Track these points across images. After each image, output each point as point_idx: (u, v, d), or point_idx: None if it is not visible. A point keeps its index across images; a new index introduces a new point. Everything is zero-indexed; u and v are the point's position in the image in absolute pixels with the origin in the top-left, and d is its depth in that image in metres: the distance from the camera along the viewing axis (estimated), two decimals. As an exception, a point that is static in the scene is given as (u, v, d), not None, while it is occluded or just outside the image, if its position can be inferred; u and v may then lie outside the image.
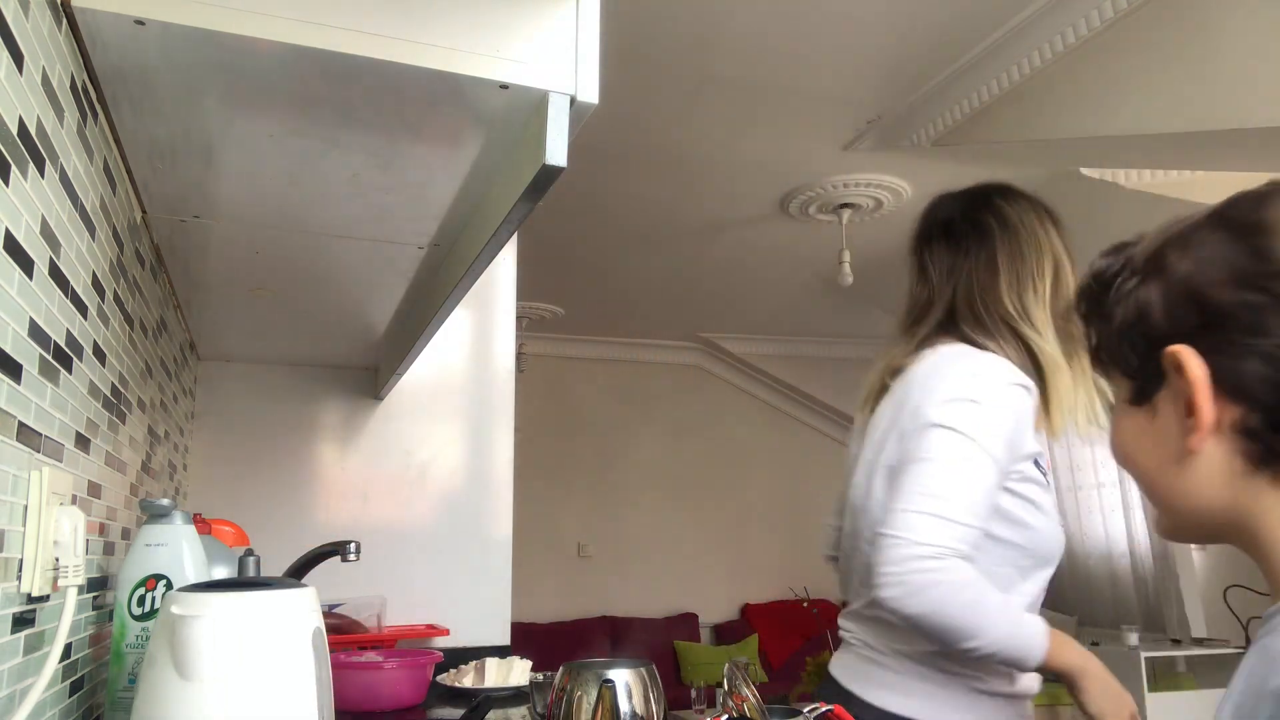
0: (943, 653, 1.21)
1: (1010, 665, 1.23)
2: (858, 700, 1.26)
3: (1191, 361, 0.60)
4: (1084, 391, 1.33)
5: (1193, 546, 4.96)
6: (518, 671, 1.76)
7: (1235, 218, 0.62)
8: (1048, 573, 1.32)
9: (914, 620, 1.14)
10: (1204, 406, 0.60)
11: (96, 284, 1.01)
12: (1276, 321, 0.57)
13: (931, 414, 1.22)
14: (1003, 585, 1.22)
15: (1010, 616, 1.17)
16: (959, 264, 1.37)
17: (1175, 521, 0.67)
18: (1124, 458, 0.69)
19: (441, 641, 2.07)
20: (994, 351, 1.29)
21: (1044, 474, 1.30)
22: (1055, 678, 1.27)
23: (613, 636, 5.57)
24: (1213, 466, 0.61)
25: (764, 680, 5.37)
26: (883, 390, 1.37)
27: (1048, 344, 1.31)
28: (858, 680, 1.28)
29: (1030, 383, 1.28)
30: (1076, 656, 1.24)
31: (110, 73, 0.88)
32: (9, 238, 0.70)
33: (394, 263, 1.42)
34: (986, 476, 1.19)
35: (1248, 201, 0.62)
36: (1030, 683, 1.33)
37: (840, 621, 1.38)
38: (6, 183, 0.69)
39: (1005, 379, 1.25)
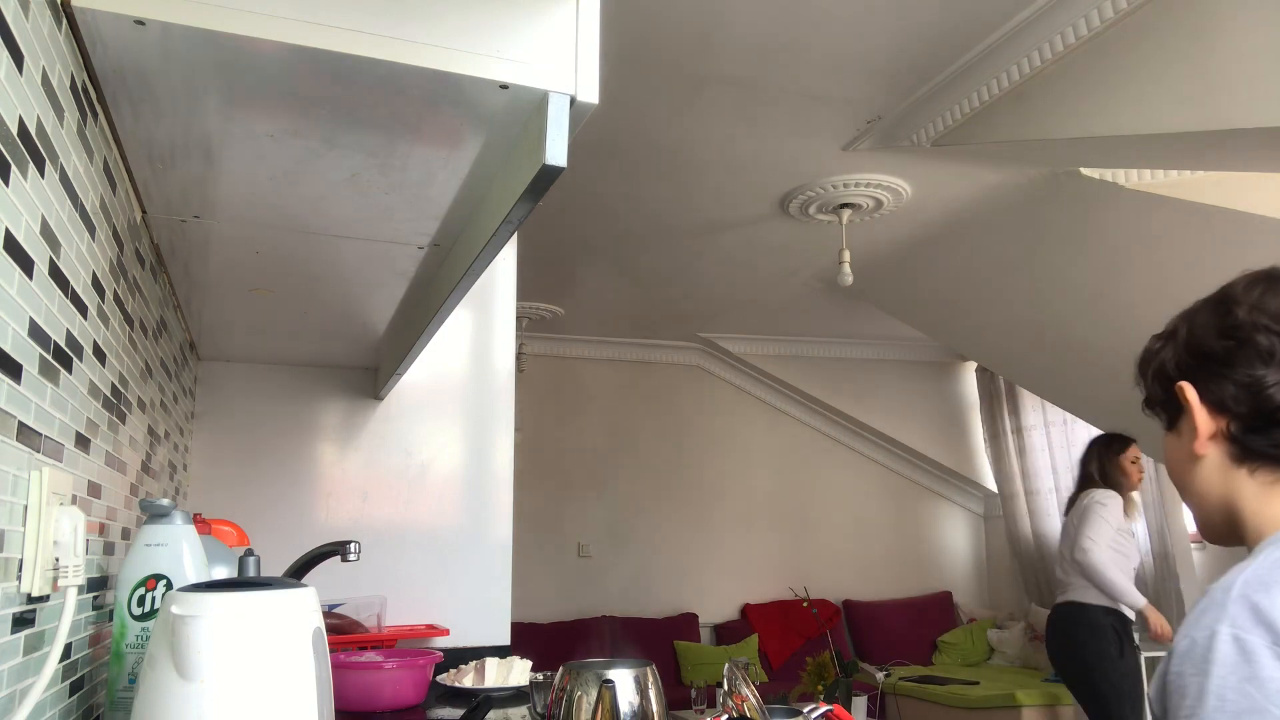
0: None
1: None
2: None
3: (1189, 390, 0.87)
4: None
5: (1193, 546, 4.96)
6: (518, 671, 1.76)
7: (1219, 294, 0.89)
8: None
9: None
10: (1200, 420, 0.86)
11: (96, 284, 1.01)
12: (1242, 357, 0.84)
13: None
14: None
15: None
16: None
17: (1205, 522, 0.91)
18: (1170, 474, 0.94)
19: (441, 641, 2.07)
20: None
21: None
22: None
23: (613, 636, 5.57)
24: (1212, 465, 0.87)
25: (764, 680, 5.37)
26: None
27: None
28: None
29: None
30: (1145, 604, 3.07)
31: (110, 73, 0.88)
32: (9, 238, 0.70)
33: (394, 263, 1.43)
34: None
35: (1233, 282, 0.88)
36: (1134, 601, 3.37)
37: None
38: (6, 183, 0.69)
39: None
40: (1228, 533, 0.89)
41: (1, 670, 0.74)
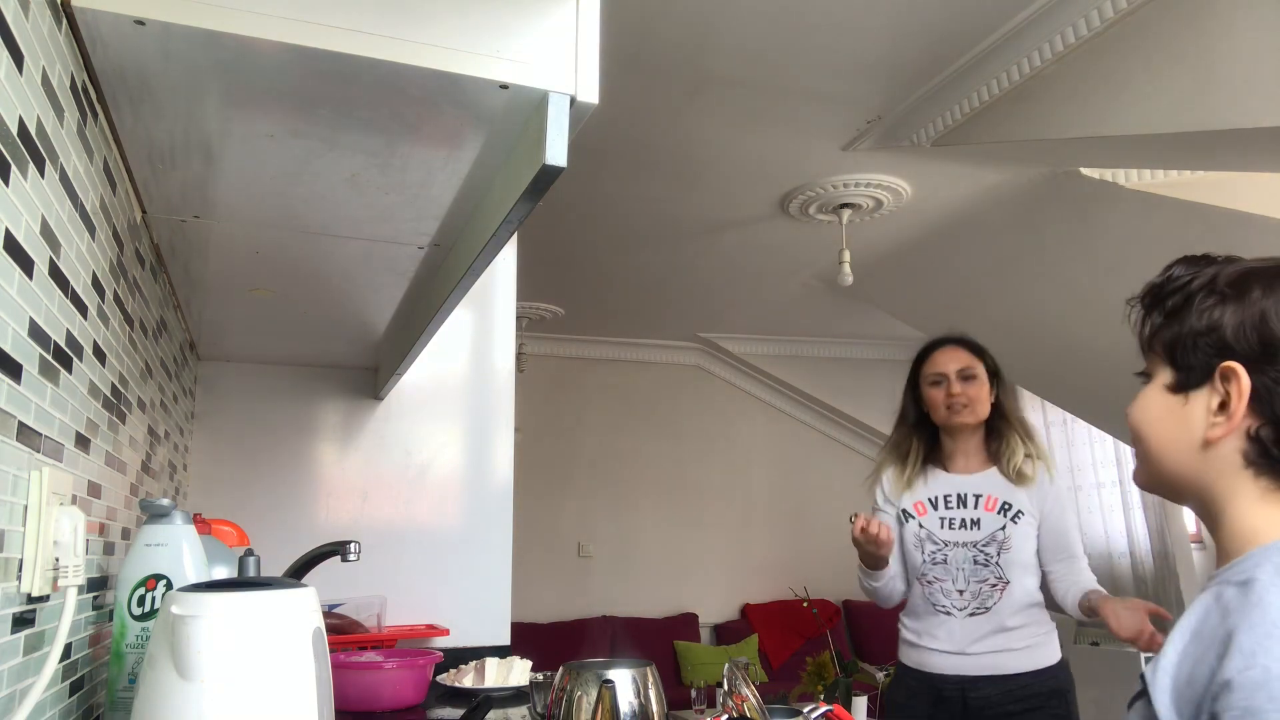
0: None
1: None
2: None
3: (1245, 378, 0.77)
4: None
5: (1193, 546, 4.97)
6: (518, 671, 1.76)
7: None
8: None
9: None
10: (1239, 413, 0.78)
11: (96, 284, 1.01)
12: None
13: None
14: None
15: None
16: None
17: (1153, 478, 0.87)
18: (1139, 424, 0.87)
19: (441, 641, 2.07)
20: None
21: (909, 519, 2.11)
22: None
23: (613, 636, 5.57)
24: (1218, 453, 0.80)
25: (764, 680, 5.37)
26: None
27: None
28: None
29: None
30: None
31: (110, 73, 0.88)
32: (9, 238, 0.70)
33: (394, 263, 1.42)
34: None
35: None
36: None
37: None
38: (6, 183, 0.69)
39: None
40: (1175, 497, 0.86)
41: (1, 670, 0.74)
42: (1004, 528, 2.00)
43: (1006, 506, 2.02)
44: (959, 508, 2.05)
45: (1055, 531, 2.04)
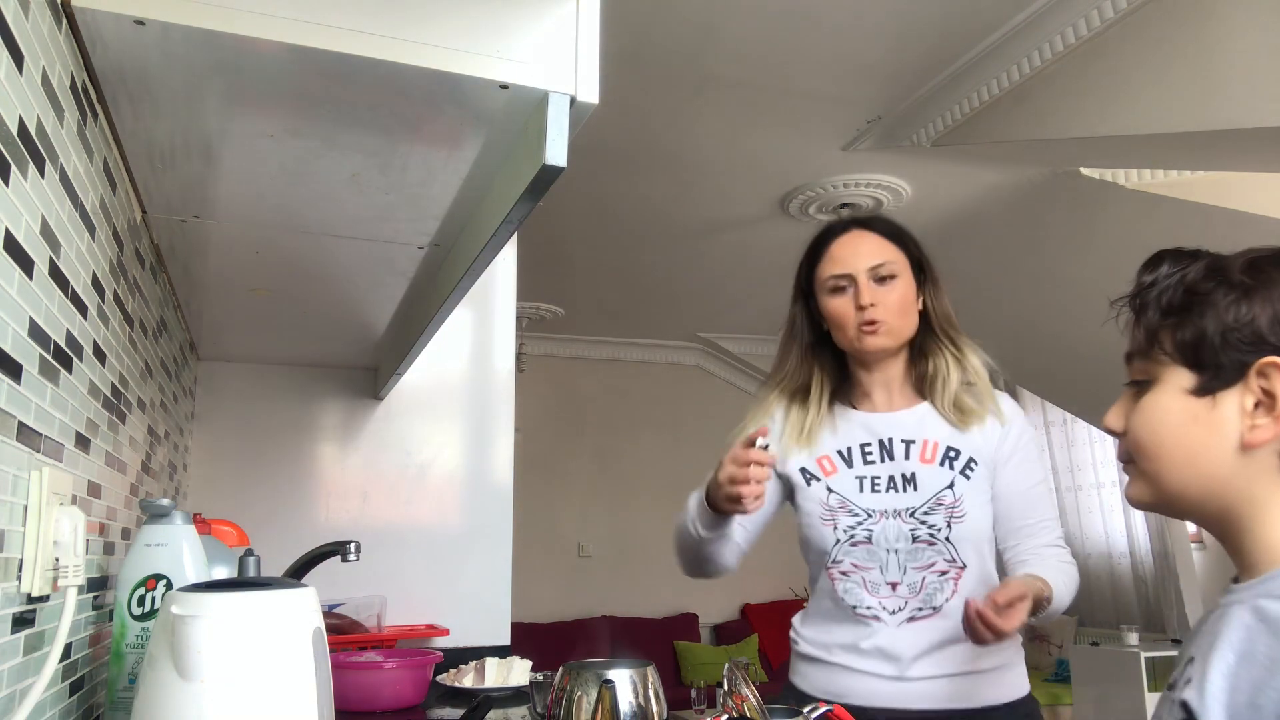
0: None
1: None
2: None
3: None
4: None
5: (1193, 546, 4.97)
6: (518, 671, 1.76)
7: None
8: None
9: None
10: None
11: (96, 284, 1.01)
12: None
13: None
14: None
15: None
16: None
17: (1164, 494, 0.79)
18: (1150, 436, 0.79)
19: (441, 641, 2.07)
20: None
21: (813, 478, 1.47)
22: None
23: (613, 636, 5.57)
24: (1256, 457, 0.74)
25: (764, 680, 5.37)
26: None
27: None
28: None
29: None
30: None
31: (110, 73, 0.88)
32: (9, 238, 0.70)
33: (394, 263, 1.42)
34: None
35: None
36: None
37: None
38: (6, 183, 0.69)
39: None
40: (1187, 511, 0.80)
41: (1, 670, 0.74)
42: (952, 485, 1.39)
43: (952, 454, 1.41)
44: (884, 460, 1.43)
45: (1013, 493, 1.42)
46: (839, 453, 1.46)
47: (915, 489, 1.40)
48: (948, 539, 1.38)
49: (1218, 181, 2.95)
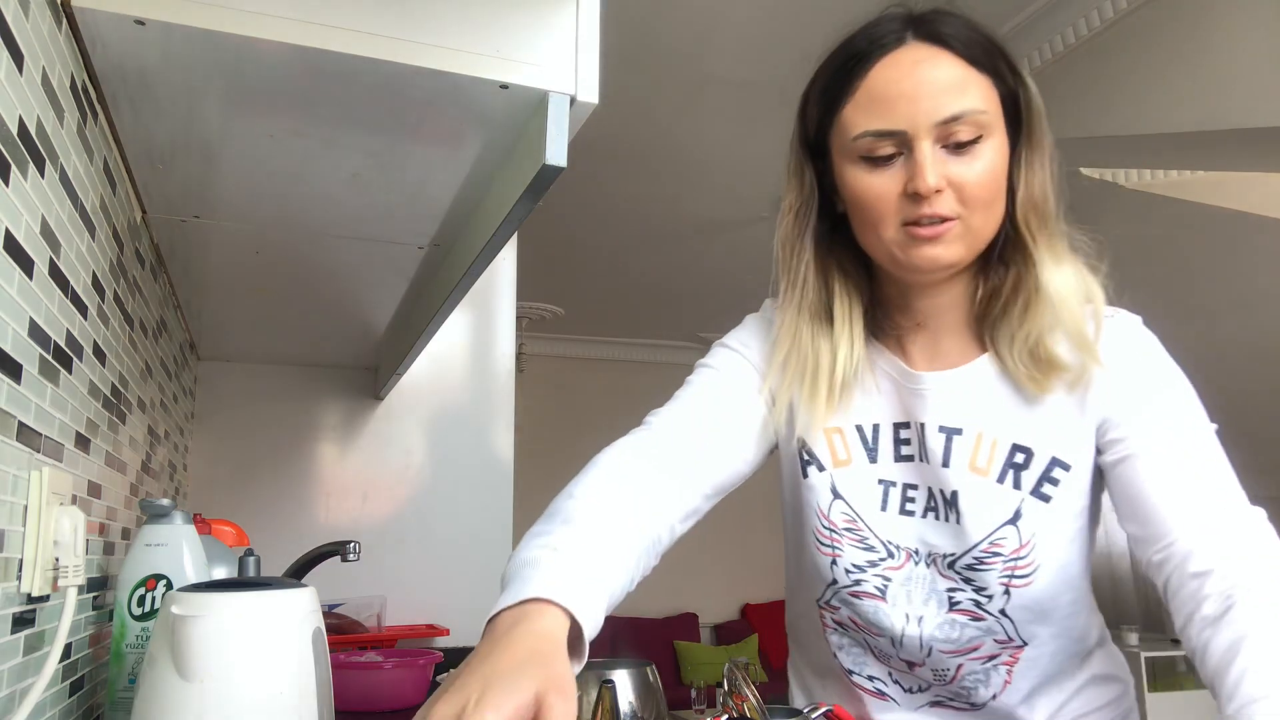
0: None
1: None
2: None
3: None
4: None
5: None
6: (518, 671, 1.76)
7: None
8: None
9: None
10: None
11: (96, 284, 1.01)
12: None
13: None
14: None
15: None
16: None
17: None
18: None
19: (441, 641, 2.07)
20: None
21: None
22: None
23: (613, 636, 5.57)
24: None
25: (764, 680, 5.37)
26: None
27: None
28: None
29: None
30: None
31: (110, 73, 0.88)
32: (9, 238, 0.70)
33: (394, 263, 1.42)
34: None
35: None
36: None
37: None
38: (6, 183, 0.69)
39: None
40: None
41: (1, 670, 0.74)
42: (1017, 518, 0.83)
43: (1020, 459, 0.85)
44: (921, 459, 0.89)
45: (1160, 488, 0.80)
46: (859, 430, 0.91)
47: (957, 521, 0.86)
48: (1003, 611, 0.85)
49: (1218, 181, 2.95)
